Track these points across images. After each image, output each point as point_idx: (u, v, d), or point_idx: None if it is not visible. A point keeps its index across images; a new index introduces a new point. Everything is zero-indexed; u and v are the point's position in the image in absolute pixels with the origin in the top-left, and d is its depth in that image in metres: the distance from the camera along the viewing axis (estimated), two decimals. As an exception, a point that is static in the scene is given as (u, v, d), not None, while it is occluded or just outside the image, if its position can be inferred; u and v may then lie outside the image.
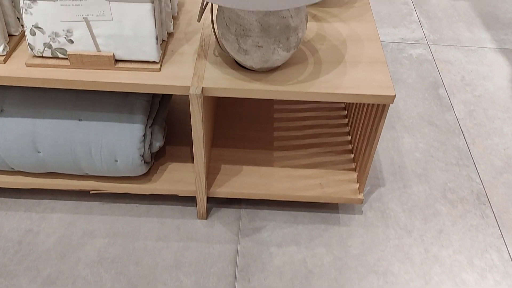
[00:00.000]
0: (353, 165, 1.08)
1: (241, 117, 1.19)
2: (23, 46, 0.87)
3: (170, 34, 0.92)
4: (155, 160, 1.06)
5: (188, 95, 0.88)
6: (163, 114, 1.01)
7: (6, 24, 0.85)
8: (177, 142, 1.11)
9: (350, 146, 1.13)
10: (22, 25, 0.87)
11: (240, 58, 0.81)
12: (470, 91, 1.44)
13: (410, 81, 1.47)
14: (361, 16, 1.01)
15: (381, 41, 1.60)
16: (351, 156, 1.10)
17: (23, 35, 0.89)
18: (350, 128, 1.16)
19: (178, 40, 0.91)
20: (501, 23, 1.76)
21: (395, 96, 0.82)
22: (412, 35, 1.68)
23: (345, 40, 0.94)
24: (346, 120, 1.19)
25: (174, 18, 0.97)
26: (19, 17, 0.87)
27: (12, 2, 0.85)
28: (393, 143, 1.26)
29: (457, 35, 1.69)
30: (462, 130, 1.31)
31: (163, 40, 0.89)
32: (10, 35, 0.87)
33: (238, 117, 1.19)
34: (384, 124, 1.30)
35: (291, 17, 0.77)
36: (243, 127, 1.17)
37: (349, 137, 1.15)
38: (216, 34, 0.88)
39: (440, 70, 1.52)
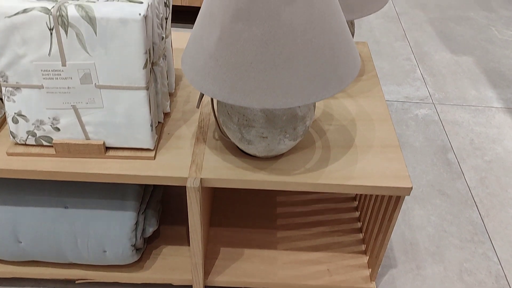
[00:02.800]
0: (363, 247, 1.00)
1: (241, 190, 1.11)
2: (5, 131, 0.80)
3: (166, 114, 0.86)
4: (148, 243, 0.97)
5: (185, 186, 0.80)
6: (158, 196, 0.93)
7: (-12, 107, 0.79)
8: (172, 221, 1.03)
9: (359, 224, 1.05)
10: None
11: (242, 147, 0.74)
12: (480, 156, 1.37)
13: (417, 144, 1.41)
14: (369, 91, 0.95)
15: (386, 100, 1.55)
16: (361, 236, 1.02)
17: (5, 117, 0.82)
18: (359, 204, 1.08)
19: (175, 121, 0.85)
20: (507, 80, 1.72)
21: (411, 188, 0.75)
22: (416, 93, 1.63)
23: (354, 120, 0.87)
24: (353, 194, 1.12)
25: (171, 95, 0.91)
26: (1, 97, 0.80)
27: (-5, 83, 0.78)
28: (403, 216, 1.18)
29: (462, 94, 1.64)
30: (475, 200, 1.23)
31: (158, 122, 0.82)
32: (-8, 118, 0.80)
33: (238, 190, 1.11)
34: (393, 194, 1.23)
35: (299, 106, 0.70)
36: (244, 200, 1.09)
37: (357, 214, 1.07)
38: (217, 119, 0.81)
39: (447, 132, 1.46)
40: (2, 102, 0.81)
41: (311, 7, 0.58)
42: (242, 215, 1.06)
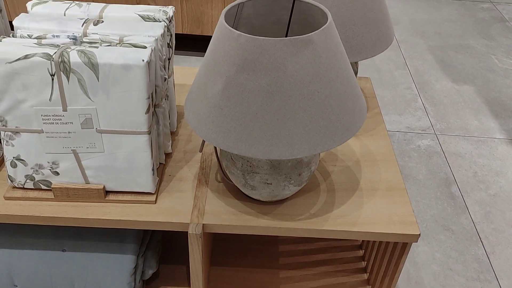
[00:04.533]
0: (368, 288, 0.97)
1: (243, 227, 1.09)
2: (2, 173, 0.78)
3: (168, 154, 0.84)
4: (146, 284, 0.95)
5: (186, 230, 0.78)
6: (158, 236, 0.91)
7: (-14, 148, 0.77)
8: (172, 260, 1.00)
9: (364, 264, 1.03)
10: (5, 146, 0.78)
11: (246, 192, 0.73)
12: (484, 189, 1.36)
13: (420, 177, 1.39)
14: (373, 130, 0.94)
15: (387, 130, 1.54)
16: (365, 276, 1.00)
17: (3, 158, 0.80)
18: (363, 242, 1.06)
19: (177, 161, 0.83)
20: (508, 110, 1.71)
21: (419, 235, 0.73)
22: (418, 123, 1.62)
23: (358, 160, 0.86)
24: (356, 231, 1.10)
25: (173, 134, 0.89)
26: (0, 140, 0.79)
27: (-5, 124, 0.77)
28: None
29: (464, 124, 1.63)
30: (480, 236, 1.21)
31: (160, 163, 0.81)
32: (-11, 159, 0.79)
33: (240, 227, 1.09)
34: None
35: (304, 152, 0.69)
36: (245, 238, 1.06)
37: (361, 252, 1.05)
38: (220, 162, 0.80)
39: (450, 164, 1.45)
40: (0, 143, 0.79)
41: (318, 57, 0.57)
42: (244, 254, 1.03)
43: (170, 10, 0.80)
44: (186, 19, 1.85)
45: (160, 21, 0.77)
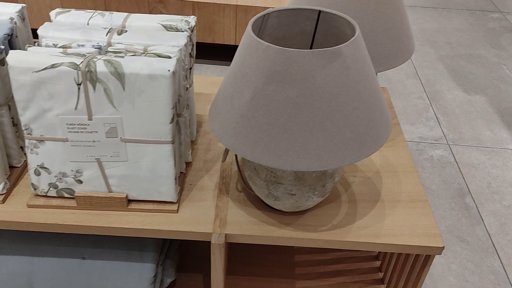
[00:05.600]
0: (385, 300, 0.97)
1: (258, 237, 1.09)
2: (25, 180, 0.78)
3: (188, 164, 0.84)
4: (163, 293, 0.95)
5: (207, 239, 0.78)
6: (176, 244, 0.91)
7: (8, 156, 0.77)
8: (188, 267, 1.00)
9: (381, 275, 1.02)
10: (25, 154, 0.79)
11: (269, 202, 0.73)
12: (498, 201, 1.35)
13: (434, 187, 1.38)
14: (393, 140, 0.93)
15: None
16: (383, 287, 0.99)
17: (25, 165, 0.80)
18: (379, 253, 1.05)
19: (197, 170, 0.83)
20: (521, 121, 1.71)
21: (443, 247, 0.73)
22: (430, 133, 1.62)
23: (378, 171, 0.86)
24: (372, 241, 1.09)
25: (192, 143, 0.89)
26: (22, 145, 0.79)
27: (16, 132, 0.77)
28: (423, 264, 1.15)
29: (477, 134, 1.62)
30: (496, 248, 1.20)
31: (180, 173, 0.81)
32: (11, 167, 0.79)
33: (255, 237, 1.08)
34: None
35: (328, 163, 0.69)
36: (261, 247, 1.06)
37: (378, 263, 1.05)
38: (241, 172, 0.80)
39: (464, 174, 1.44)
40: (23, 150, 0.80)
41: (347, 69, 0.57)
42: (259, 263, 1.03)
43: (192, 20, 0.80)
44: (198, 27, 1.86)
45: (183, 31, 0.77)
